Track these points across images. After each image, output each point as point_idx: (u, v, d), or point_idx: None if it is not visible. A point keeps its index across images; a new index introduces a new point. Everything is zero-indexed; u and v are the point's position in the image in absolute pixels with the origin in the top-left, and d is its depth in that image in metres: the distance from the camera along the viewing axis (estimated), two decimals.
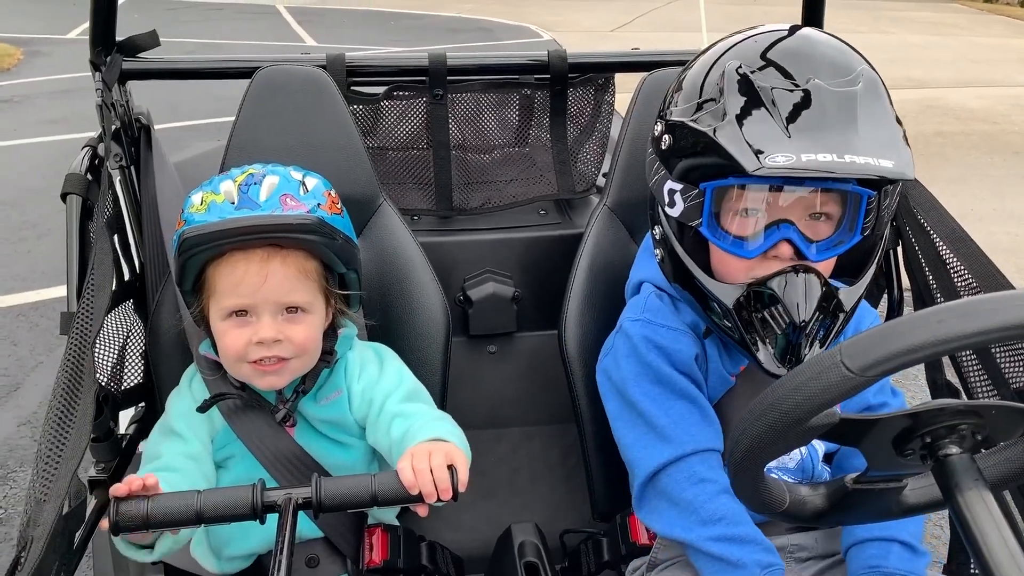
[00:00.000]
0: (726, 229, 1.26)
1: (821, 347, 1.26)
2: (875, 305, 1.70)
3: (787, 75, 1.21)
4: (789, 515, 1.10)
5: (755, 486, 1.05)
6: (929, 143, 6.67)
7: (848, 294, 1.27)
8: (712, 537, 1.29)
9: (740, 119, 1.19)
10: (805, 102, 1.18)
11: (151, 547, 1.29)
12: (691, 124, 1.25)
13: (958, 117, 7.72)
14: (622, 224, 1.68)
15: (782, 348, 1.26)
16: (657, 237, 1.40)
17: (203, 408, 1.39)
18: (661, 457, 1.35)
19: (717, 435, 1.37)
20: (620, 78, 2.12)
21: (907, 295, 1.71)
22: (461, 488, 1.19)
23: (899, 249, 1.68)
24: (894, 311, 1.67)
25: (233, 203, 1.32)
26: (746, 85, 1.21)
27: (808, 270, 1.23)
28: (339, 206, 1.42)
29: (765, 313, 1.25)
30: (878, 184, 1.21)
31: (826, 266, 1.27)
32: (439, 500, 1.19)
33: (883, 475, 1.05)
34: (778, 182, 1.21)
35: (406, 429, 1.35)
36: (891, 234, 1.68)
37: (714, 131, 1.21)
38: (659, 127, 1.35)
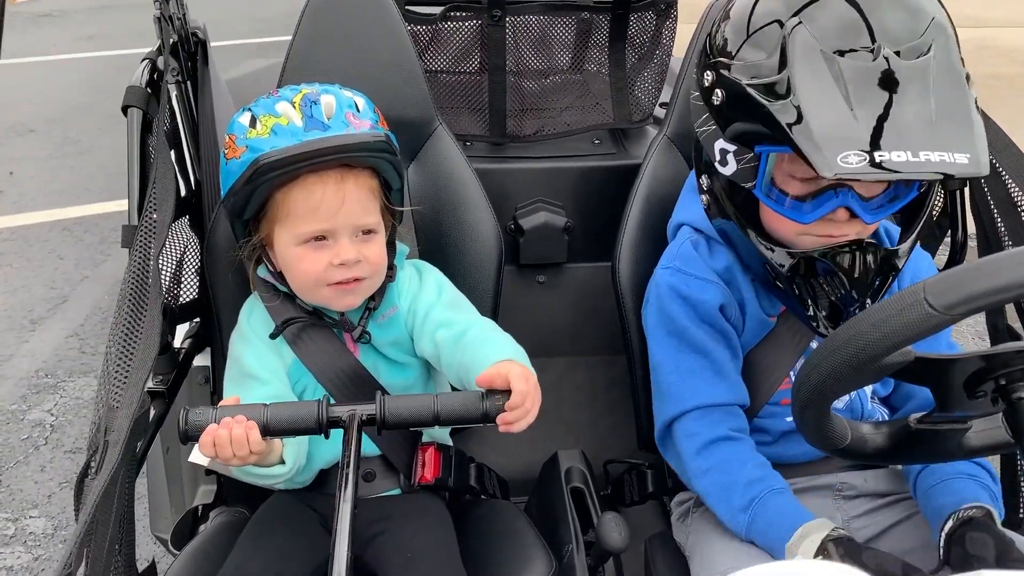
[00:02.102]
0: (781, 190, 1.23)
1: (869, 304, 1.25)
2: (937, 246, 1.67)
3: (848, 19, 1.15)
4: (848, 452, 1.10)
5: (818, 422, 1.05)
6: (983, 85, 6.43)
7: (902, 251, 1.25)
8: (705, 491, 1.37)
9: (805, 97, 1.12)
10: (873, 76, 1.11)
11: (282, 462, 1.32)
12: (751, 91, 1.18)
13: (1015, 59, 7.44)
14: (682, 156, 1.65)
15: (834, 311, 1.26)
16: (704, 187, 1.38)
17: (275, 334, 1.40)
18: (665, 414, 1.41)
19: (728, 389, 1.38)
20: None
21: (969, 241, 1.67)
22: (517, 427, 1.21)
23: (966, 190, 1.63)
24: (957, 254, 1.63)
25: (300, 125, 1.30)
26: (809, 47, 1.13)
27: (869, 246, 1.22)
28: (385, 122, 1.41)
29: (823, 282, 1.25)
30: None
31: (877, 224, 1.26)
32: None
33: (949, 416, 1.04)
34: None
35: (460, 336, 1.36)
36: None
37: (777, 110, 1.14)
38: (710, 77, 1.27)
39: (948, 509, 1.25)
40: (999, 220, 1.51)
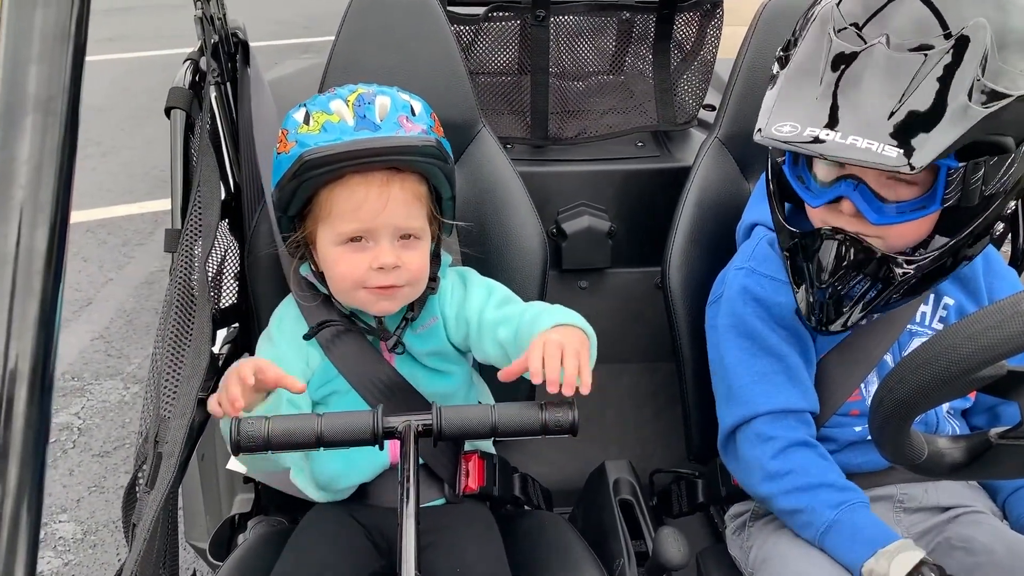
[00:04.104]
0: (812, 172, 1.24)
1: (863, 311, 1.23)
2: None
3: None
4: (924, 467, 1.06)
5: (897, 436, 1.01)
6: None
7: (908, 263, 1.20)
8: (782, 491, 1.31)
9: (794, 70, 1.19)
10: (858, 63, 1.12)
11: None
12: (775, 62, 1.25)
13: None
14: (733, 159, 1.61)
15: (814, 302, 1.25)
16: None
17: (309, 335, 1.37)
18: (733, 417, 1.37)
19: (801, 395, 1.34)
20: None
21: None
22: (584, 390, 1.13)
23: None
24: (1018, 261, 1.59)
25: (350, 124, 1.27)
26: (821, 31, 1.18)
27: (848, 239, 1.19)
28: (441, 128, 1.38)
29: (806, 264, 1.24)
30: (968, 154, 1.11)
31: (904, 229, 1.20)
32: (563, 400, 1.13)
33: None
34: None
35: (517, 326, 1.31)
36: None
37: (772, 78, 1.22)
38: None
39: None
40: None
